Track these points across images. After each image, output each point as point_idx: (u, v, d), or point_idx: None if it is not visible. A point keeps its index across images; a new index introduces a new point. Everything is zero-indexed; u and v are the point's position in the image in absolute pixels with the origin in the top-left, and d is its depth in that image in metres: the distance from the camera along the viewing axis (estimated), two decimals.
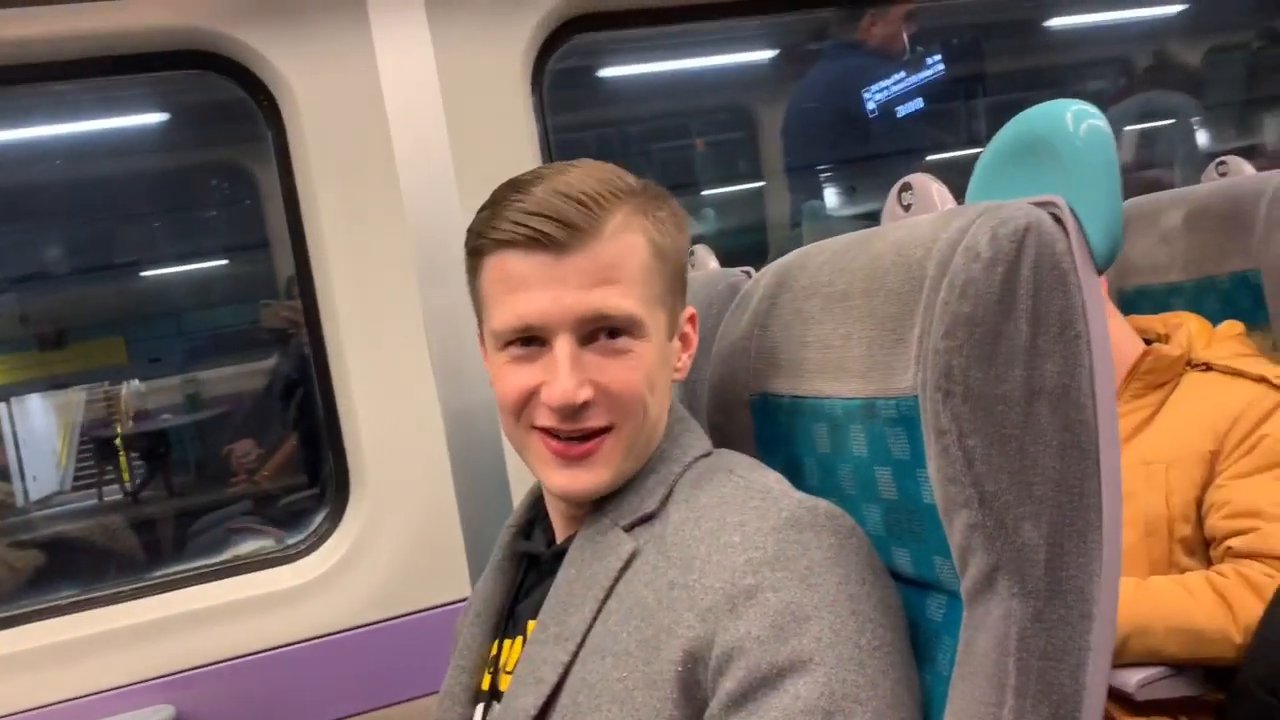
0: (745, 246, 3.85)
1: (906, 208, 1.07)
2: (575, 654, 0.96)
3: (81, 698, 1.76)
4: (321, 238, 1.82)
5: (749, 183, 4.13)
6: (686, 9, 2.10)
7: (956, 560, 0.87)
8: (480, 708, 1.10)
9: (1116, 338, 1.76)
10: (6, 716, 1.73)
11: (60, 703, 1.75)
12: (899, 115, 3.22)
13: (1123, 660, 1.54)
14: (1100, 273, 0.86)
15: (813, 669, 0.84)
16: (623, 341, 0.99)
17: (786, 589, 0.87)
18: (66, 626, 1.81)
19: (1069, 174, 0.90)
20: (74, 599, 1.88)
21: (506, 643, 1.11)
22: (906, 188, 1.07)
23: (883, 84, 3.20)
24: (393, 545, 1.84)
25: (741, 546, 0.91)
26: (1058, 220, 0.85)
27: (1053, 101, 0.94)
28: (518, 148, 1.88)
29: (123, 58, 1.83)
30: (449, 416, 1.83)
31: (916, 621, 0.95)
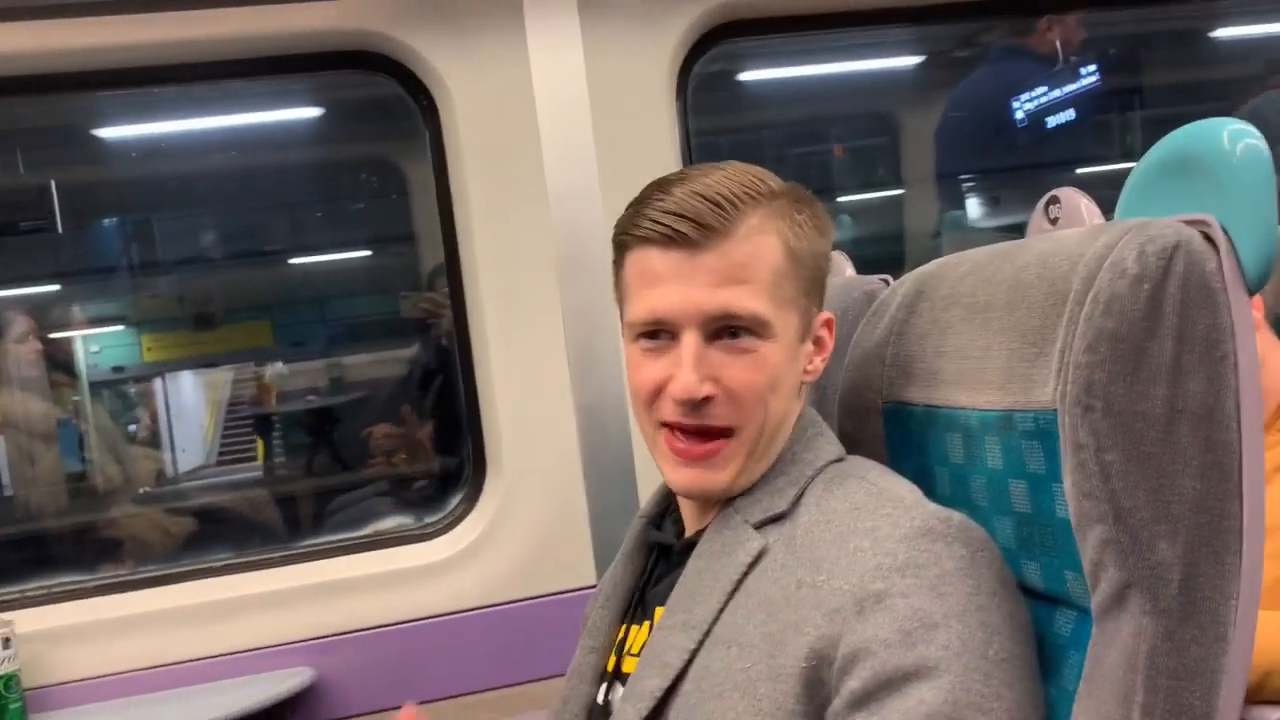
0: (881, 256, 3.80)
1: (1053, 221, 1.07)
2: (701, 642, 0.99)
3: (229, 654, 1.87)
4: (470, 232, 1.89)
5: (888, 190, 4.08)
6: (835, 16, 2.11)
7: (1088, 576, 0.87)
8: (604, 686, 1.14)
9: (1275, 364, 1.70)
10: (160, 666, 1.85)
11: (209, 658, 1.87)
12: (1066, 123, 3.08)
13: (1261, 697, 1.49)
14: (1252, 294, 0.85)
15: (938, 676, 0.84)
16: (748, 341, 1.02)
17: (916, 596, 0.88)
18: (217, 588, 1.93)
19: (1223, 193, 0.89)
20: (225, 562, 1.99)
21: (634, 627, 1.15)
22: (1054, 201, 1.07)
23: (1051, 90, 3.07)
24: (524, 530, 1.90)
25: (871, 552, 0.92)
26: (1208, 239, 0.84)
27: (1208, 119, 0.93)
28: (660, 151, 1.92)
29: (293, 57, 1.94)
30: (581, 410, 1.88)
31: (1044, 636, 0.96)
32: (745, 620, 0.97)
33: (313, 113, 3.95)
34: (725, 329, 1.02)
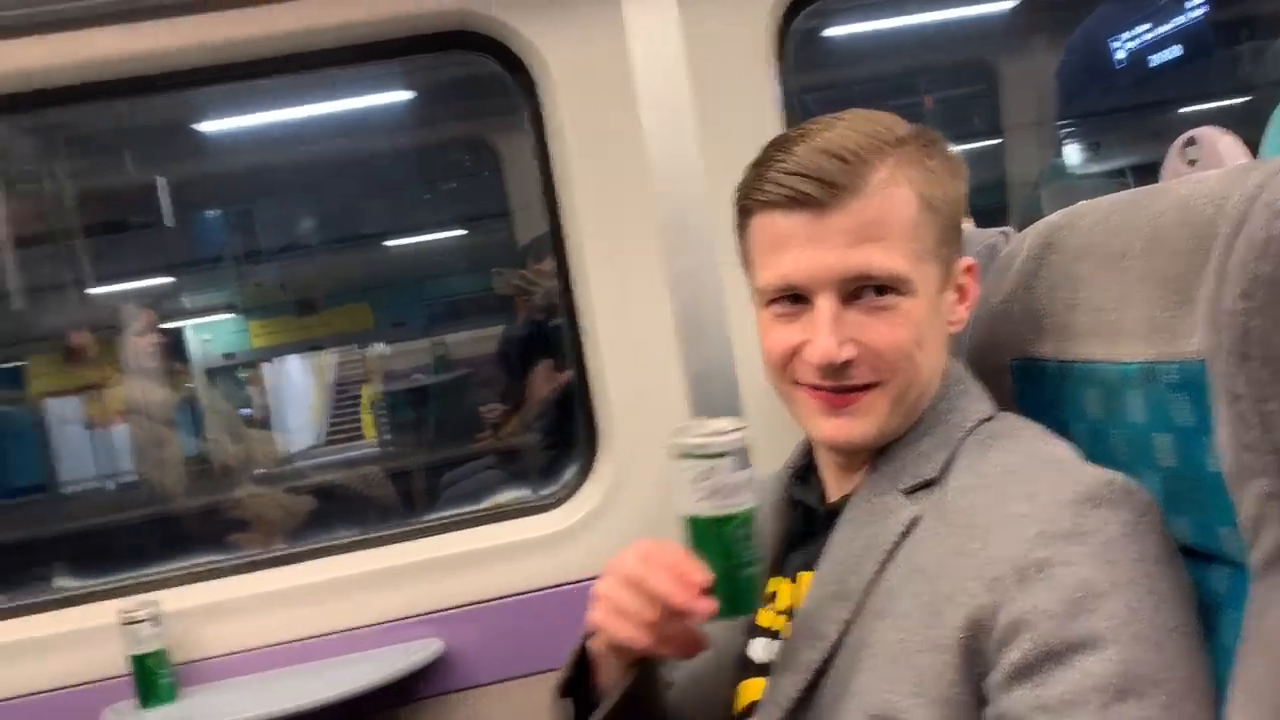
0: (983, 207, 3.69)
1: (1190, 163, 1.03)
2: (855, 613, 0.98)
3: (359, 628, 1.92)
4: (573, 206, 1.89)
5: (988, 139, 3.97)
6: None
7: (1247, 531, 0.84)
8: (757, 642, 1.13)
9: None
10: (296, 641, 1.92)
11: (340, 632, 1.92)
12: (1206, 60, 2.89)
13: None
14: None
15: (1106, 647, 0.82)
16: (888, 299, 0.99)
17: (1081, 564, 0.85)
18: (345, 564, 1.98)
19: None
20: (350, 539, 2.05)
21: (783, 583, 1.13)
22: (1191, 142, 1.02)
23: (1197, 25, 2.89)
24: (638, 500, 1.91)
25: (1032, 518, 0.89)
26: None
27: None
28: (761, 114, 1.90)
29: (392, 41, 1.96)
30: (691, 378, 1.88)
31: (1197, 593, 0.92)
32: (900, 590, 0.96)
33: (405, 95, 4.00)
34: (864, 288, 0.99)
